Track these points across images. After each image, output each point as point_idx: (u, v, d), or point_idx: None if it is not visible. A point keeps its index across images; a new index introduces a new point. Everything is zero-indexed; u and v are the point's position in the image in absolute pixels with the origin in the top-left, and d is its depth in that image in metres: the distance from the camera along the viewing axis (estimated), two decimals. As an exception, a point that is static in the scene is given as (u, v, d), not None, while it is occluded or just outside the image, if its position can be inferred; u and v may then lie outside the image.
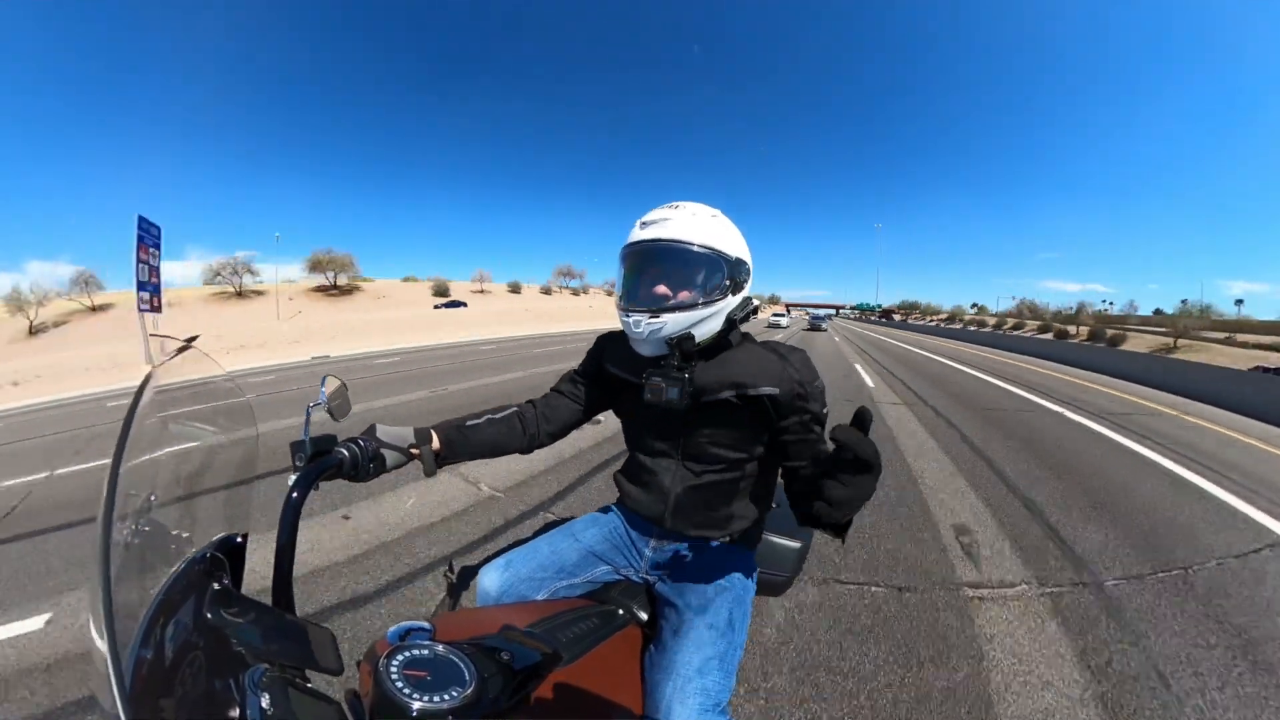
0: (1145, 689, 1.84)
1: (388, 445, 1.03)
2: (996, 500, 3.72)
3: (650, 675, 0.92)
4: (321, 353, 17.03)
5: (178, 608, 0.60)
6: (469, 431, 1.15)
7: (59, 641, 2.13)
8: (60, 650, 2.07)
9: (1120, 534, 3.22)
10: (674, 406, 1.01)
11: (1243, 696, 1.81)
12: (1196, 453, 5.32)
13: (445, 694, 0.54)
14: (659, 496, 1.14)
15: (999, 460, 4.71)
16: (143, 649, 0.52)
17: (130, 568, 0.59)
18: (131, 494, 0.65)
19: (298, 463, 0.89)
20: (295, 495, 0.83)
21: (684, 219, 1.03)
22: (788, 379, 1.01)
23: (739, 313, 1.07)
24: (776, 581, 1.32)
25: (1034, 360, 16.66)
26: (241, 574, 0.75)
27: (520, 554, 1.17)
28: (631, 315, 1.03)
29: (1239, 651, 2.07)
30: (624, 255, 1.09)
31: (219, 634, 0.60)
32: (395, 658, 0.57)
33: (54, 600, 2.43)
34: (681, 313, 1.00)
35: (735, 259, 1.04)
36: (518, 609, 1.01)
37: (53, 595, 2.49)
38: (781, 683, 1.84)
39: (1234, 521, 3.50)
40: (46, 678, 1.90)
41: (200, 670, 0.56)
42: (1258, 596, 2.53)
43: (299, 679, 0.60)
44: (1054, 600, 2.45)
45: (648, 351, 1.07)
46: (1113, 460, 4.91)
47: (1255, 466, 4.96)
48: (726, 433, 1.07)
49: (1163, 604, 2.46)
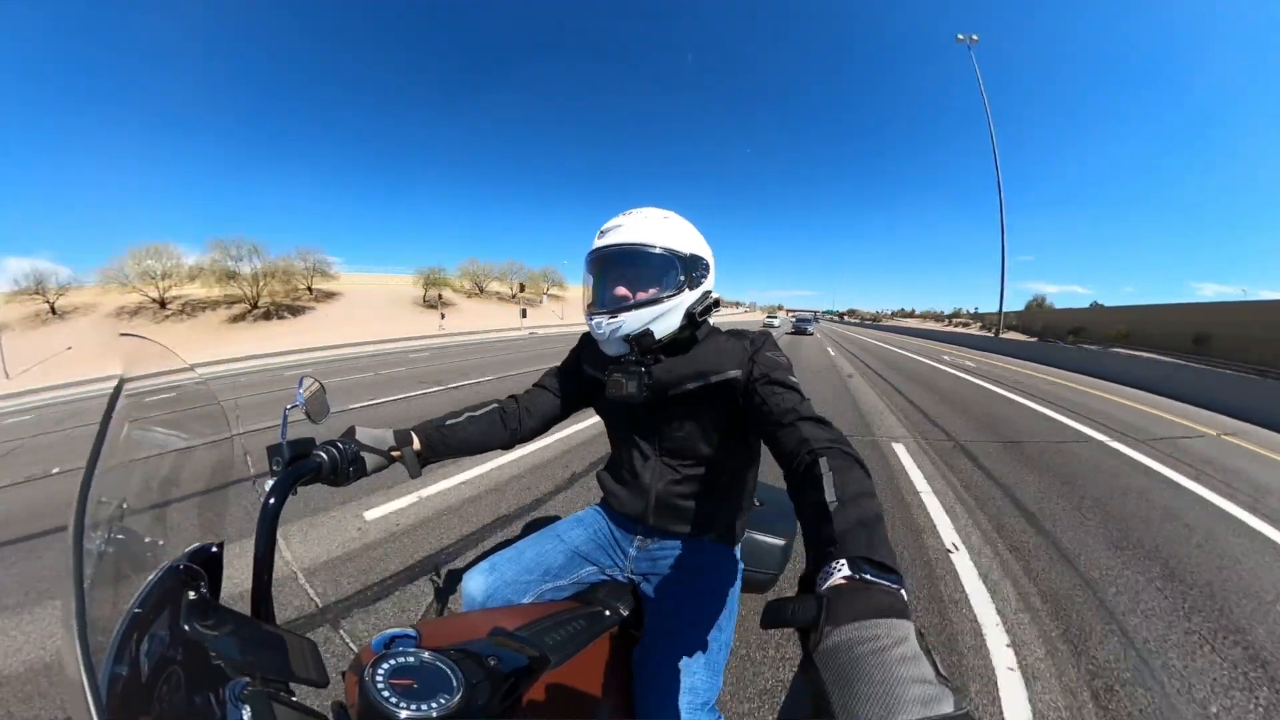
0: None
1: (368, 448, 1.02)
2: (881, 387, 9.42)
3: (638, 676, 0.93)
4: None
5: (153, 620, 0.58)
6: (449, 430, 1.14)
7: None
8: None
9: (962, 418, 6.70)
10: (633, 399, 1.05)
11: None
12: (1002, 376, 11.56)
13: (433, 701, 0.54)
14: (640, 494, 1.15)
15: (868, 360, 13.23)
16: (117, 664, 0.50)
17: (103, 579, 0.57)
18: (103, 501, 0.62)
19: (275, 467, 0.87)
20: (273, 501, 0.81)
21: (636, 223, 1.07)
22: (746, 359, 1.05)
23: (698, 307, 1.10)
24: (761, 579, 1.34)
25: (919, 338, 32.86)
26: (220, 583, 0.72)
27: (505, 557, 1.17)
28: (594, 317, 1.08)
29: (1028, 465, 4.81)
30: (586, 263, 1.13)
31: (197, 647, 0.58)
32: (381, 666, 0.57)
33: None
34: (637, 310, 1.04)
35: (689, 255, 1.07)
36: (504, 613, 1.00)
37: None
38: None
39: (1046, 419, 7.01)
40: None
41: (179, 685, 0.54)
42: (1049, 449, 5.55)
43: (282, 692, 0.58)
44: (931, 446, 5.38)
45: (612, 351, 1.10)
46: (941, 376, 11.68)
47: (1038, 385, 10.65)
48: (700, 426, 1.09)
49: (992, 449, 5.28)
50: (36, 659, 2.11)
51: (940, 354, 18.90)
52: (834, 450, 0.76)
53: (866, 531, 0.57)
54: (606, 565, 1.19)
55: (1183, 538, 3.21)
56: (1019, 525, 3.36)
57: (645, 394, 1.06)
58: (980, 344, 24.45)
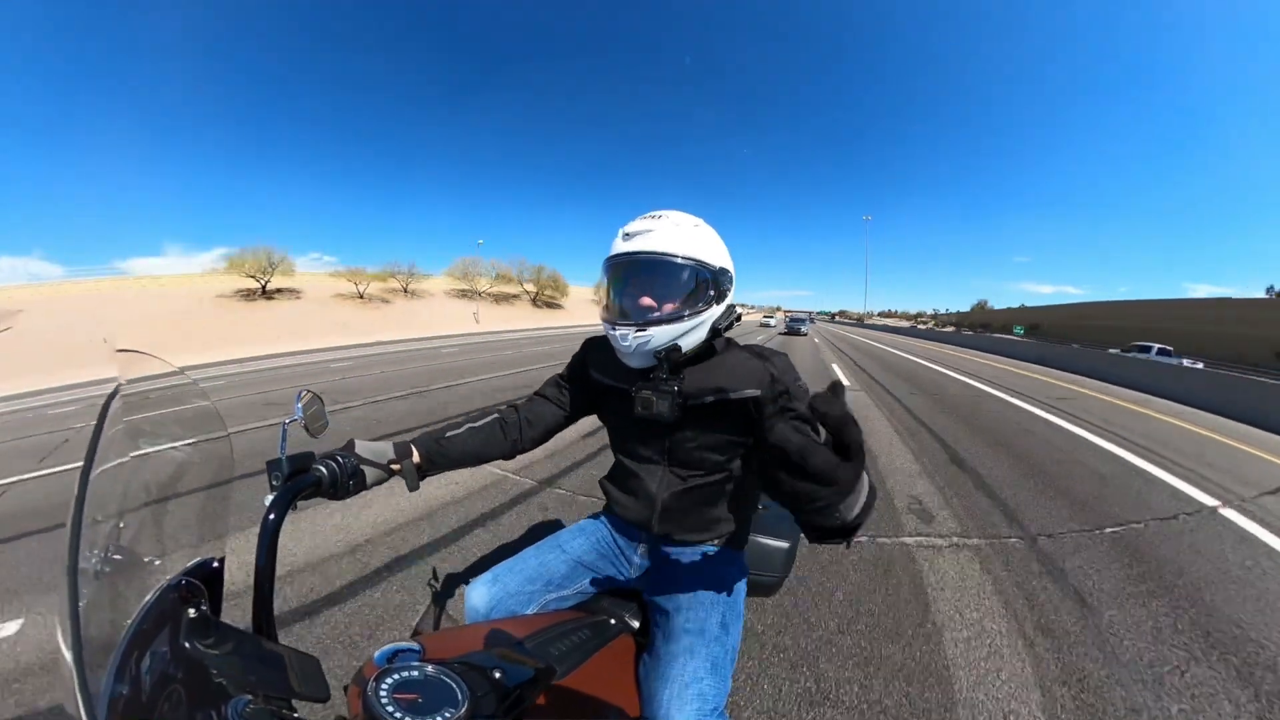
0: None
1: (367, 461, 1.01)
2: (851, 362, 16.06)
3: (645, 683, 0.91)
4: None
5: (153, 639, 0.57)
6: (449, 442, 1.13)
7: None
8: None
9: (910, 385, 10.16)
10: (664, 419, 1.01)
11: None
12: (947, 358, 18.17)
13: (437, 715, 0.53)
14: (645, 502, 1.14)
15: (838, 344, 24.10)
16: (118, 684, 0.50)
17: (101, 598, 0.57)
18: (99, 520, 0.62)
19: (274, 482, 0.85)
20: (273, 517, 0.80)
21: (667, 230, 1.02)
22: (769, 381, 1.02)
23: (723, 321, 1.07)
24: (767, 582, 1.33)
25: (899, 336, 39.07)
26: (220, 600, 0.71)
27: (507, 568, 1.15)
28: (618, 329, 1.02)
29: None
30: (607, 267, 1.07)
31: (198, 665, 0.57)
32: (384, 680, 0.56)
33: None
34: (668, 325, 1.00)
35: (719, 268, 1.04)
36: (508, 624, 0.99)
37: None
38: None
39: (924, 366, 14.11)
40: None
41: (180, 704, 0.53)
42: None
43: (284, 709, 0.57)
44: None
45: (636, 364, 1.06)
46: (879, 350, 20.87)
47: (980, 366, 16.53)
48: (712, 438, 1.07)
49: (874, 369, 13.10)
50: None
51: (892, 340, 30.21)
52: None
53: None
54: (611, 574, 1.18)
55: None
56: (873, 374, 11.53)
57: (677, 414, 1.02)
58: (921, 335, 39.76)
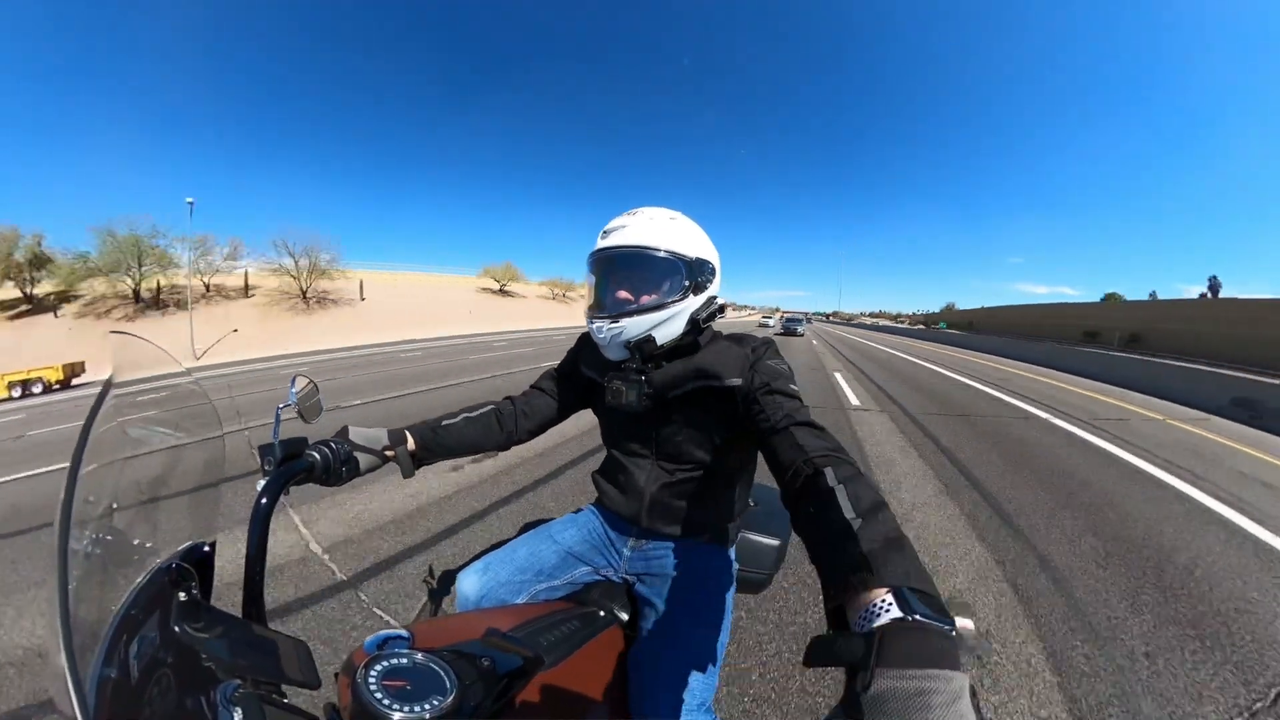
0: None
1: (361, 448, 1.01)
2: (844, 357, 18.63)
3: (633, 676, 0.92)
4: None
5: (143, 622, 0.57)
6: (445, 431, 1.14)
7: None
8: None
9: (905, 387, 10.18)
10: (632, 409, 1.04)
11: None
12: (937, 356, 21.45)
13: (426, 703, 0.53)
14: (634, 496, 1.15)
15: (837, 344, 25.97)
16: (106, 667, 0.50)
17: (91, 580, 0.56)
18: (90, 501, 0.61)
19: (266, 467, 0.86)
20: (264, 501, 0.80)
21: (641, 224, 1.04)
22: (748, 367, 1.02)
23: (702, 313, 1.07)
24: (756, 579, 1.34)
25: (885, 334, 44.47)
26: (211, 584, 0.71)
27: (498, 557, 1.16)
28: (595, 321, 1.05)
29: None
30: (589, 264, 1.10)
31: (188, 649, 0.57)
32: (374, 668, 0.56)
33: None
34: (639, 316, 1.01)
35: (695, 259, 1.05)
36: (498, 613, 0.99)
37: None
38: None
39: (898, 356, 17.95)
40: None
41: (169, 688, 0.54)
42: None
43: (274, 694, 0.58)
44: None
45: (613, 355, 1.08)
46: (860, 343, 26.23)
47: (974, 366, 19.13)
48: (698, 432, 1.08)
49: (855, 358, 16.78)
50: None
51: (872, 336, 36.44)
52: (836, 460, 0.73)
53: (900, 555, 0.53)
54: (600, 566, 1.19)
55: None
56: (855, 362, 15.11)
57: (645, 404, 1.04)
58: (899, 332, 46.04)
